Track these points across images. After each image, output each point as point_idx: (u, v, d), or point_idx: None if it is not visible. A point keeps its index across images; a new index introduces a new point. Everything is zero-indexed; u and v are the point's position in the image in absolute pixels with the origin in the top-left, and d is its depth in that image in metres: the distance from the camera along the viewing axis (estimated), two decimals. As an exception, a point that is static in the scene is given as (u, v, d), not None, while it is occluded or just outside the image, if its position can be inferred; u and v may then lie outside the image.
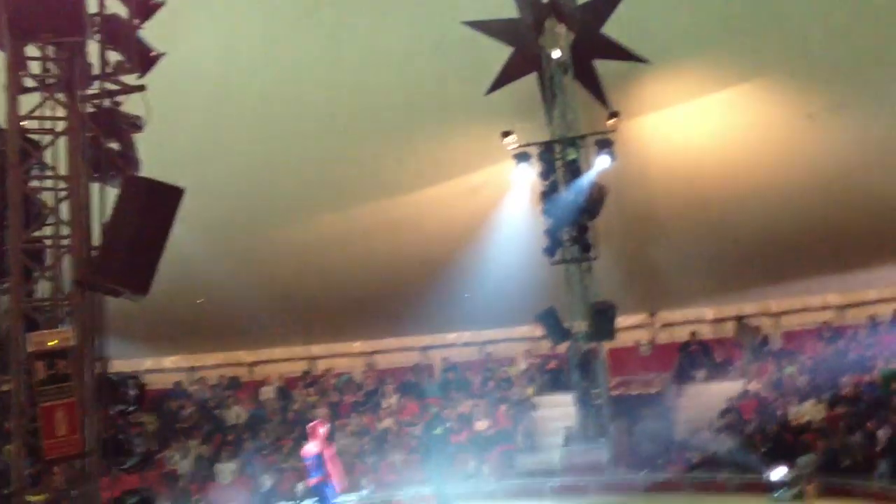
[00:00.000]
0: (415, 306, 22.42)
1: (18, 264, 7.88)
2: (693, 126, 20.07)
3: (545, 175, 19.12)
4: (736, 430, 18.32)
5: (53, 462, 7.51)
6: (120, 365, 8.68)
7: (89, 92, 8.34)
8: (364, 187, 20.59)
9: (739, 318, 22.36)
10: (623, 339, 21.65)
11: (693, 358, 22.04)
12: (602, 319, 18.56)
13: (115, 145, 8.57)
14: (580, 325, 19.19)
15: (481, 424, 21.25)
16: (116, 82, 8.54)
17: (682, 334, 23.35)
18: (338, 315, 23.36)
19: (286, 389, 23.76)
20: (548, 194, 19.08)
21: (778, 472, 15.77)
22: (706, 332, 23.31)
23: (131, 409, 8.45)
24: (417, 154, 20.16)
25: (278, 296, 21.69)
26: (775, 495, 15.58)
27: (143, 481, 15.78)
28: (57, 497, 7.71)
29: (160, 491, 17.66)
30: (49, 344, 7.41)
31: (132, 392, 8.25)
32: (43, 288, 8.25)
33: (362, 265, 21.81)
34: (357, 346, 25.78)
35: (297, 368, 25.04)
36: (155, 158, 9.03)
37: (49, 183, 8.32)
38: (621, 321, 20.16)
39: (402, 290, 22.02)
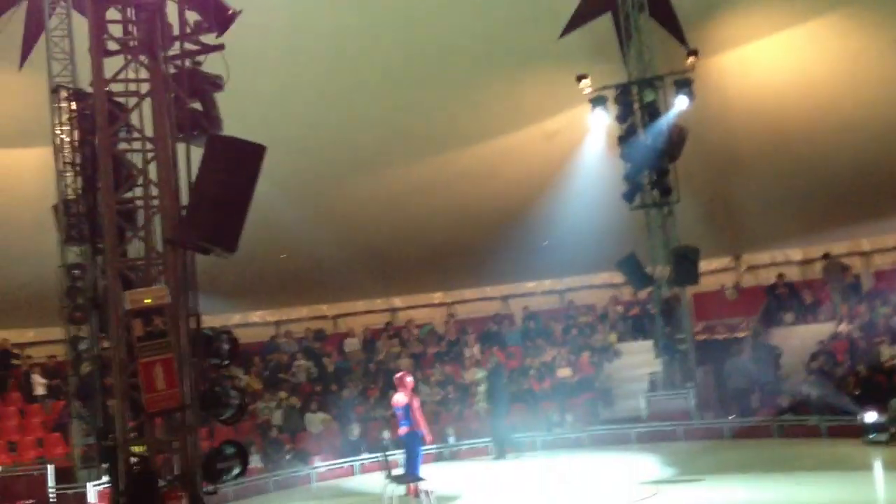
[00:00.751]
0: (494, 255, 22.45)
1: (112, 225, 8.09)
2: (775, 61, 19.42)
3: (622, 118, 18.75)
4: (827, 373, 17.93)
5: (154, 415, 7.76)
6: (210, 321, 8.87)
7: (170, 53, 8.44)
8: (440, 138, 20.55)
9: (828, 258, 21.73)
10: (707, 284, 21.32)
11: (780, 300, 21.59)
12: (685, 264, 18.25)
13: (197, 105, 8.67)
14: (662, 271, 18.92)
15: (564, 372, 21.27)
16: (196, 42, 8.63)
17: (768, 277, 22.87)
18: (418, 266, 23.54)
19: (370, 341, 24.12)
20: (625, 138, 18.72)
21: (870, 415, 15.43)
22: (794, 273, 22.76)
23: (225, 362, 8.67)
24: (492, 102, 19.99)
25: (359, 249, 21.95)
26: (868, 438, 15.26)
27: (237, 432, 16.41)
28: (158, 448, 7.98)
29: (254, 441, 18.23)
30: (145, 301, 7.62)
31: (225, 346, 8.44)
32: (136, 248, 8.48)
33: (441, 216, 21.87)
34: (438, 296, 25.95)
35: (380, 320, 25.36)
36: (234, 117, 9.13)
37: (136, 145, 8.49)
38: (705, 265, 19.83)
39: (481, 239, 22.04)
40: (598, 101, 18.98)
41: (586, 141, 20.47)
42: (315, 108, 18.94)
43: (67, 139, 15.72)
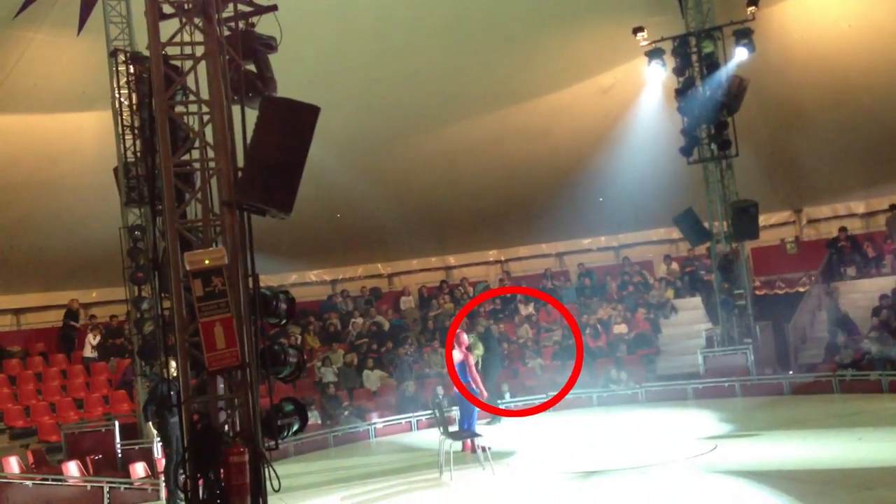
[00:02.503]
0: (549, 212, 22.37)
1: (170, 188, 8.20)
2: (837, 9, 18.88)
3: (680, 71, 18.37)
4: (889, 328, 17.59)
5: (215, 373, 7.90)
6: (267, 280, 9.00)
7: (224, 15, 8.46)
8: (492, 95, 20.42)
9: (894, 210, 21.17)
10: (766, 238, 20.99)
11: (842, 254, 21.16)
12: (744, 218, 17.96)
13: (251, 67, 8.70)
14: (720, 226, 18.65)
15: (619, 329, 21.19)
16: (249, 3, 8.63)
17: (829, 230, 22.44)
18: (472, 224, 23.56)
19: (425, 299, 24.27)
20: (683, 91, 18.35)
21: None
22: (856, 226, 22.28)
23: (283, 321, 8.78)
24: (545, 58, 19.76)
25: (413, 207, 22.03)
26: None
27: (296, 390, 16.70)
28: (220, 406, 8.14)
29: (313, 398, 18.57)
30: (204, 263, 7.73)
31: (283, 305, 8.54)
32: (194, 209, 8.58)
33: (495, 173, 21.81)
34: (492, 254, 25.99)
35: (434, 278, 25.49)
36: (288, 78, 9.15)
37: (193, 108, 8.56)
38: (764, 219, 19.54)
39: (535, 196, 21.96)
40: (654, 53, 18.62)
41: (642, 95, 20.15)
42: (368, 67, 18.92)
43: (126, 102, 15.95)
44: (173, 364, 12.94)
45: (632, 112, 20.47)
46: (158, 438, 13.67)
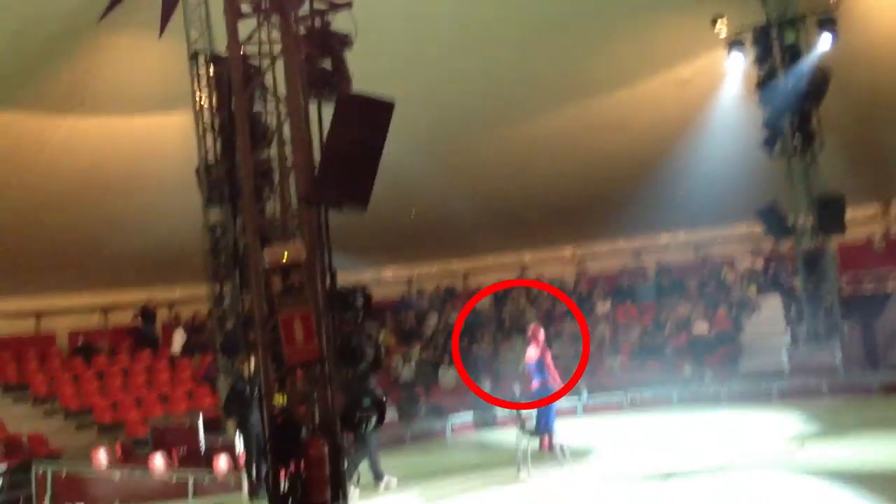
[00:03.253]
0: (625, 209, 22.04)
1: (250, 184, 8.35)
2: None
3: (761, 61, 17.95)
4: None
5: (294, 367, 8.01)
6: (343, 278, 9.03)
7: (300, 13, 8.56)
8: (567, 89, 20.21)
9: None
10: (854, 234, 20.25)
11: (934, 250, 20.39)
12: (829, 213, 17.46)
13: (327, 64, 8.79)
14: (805, 220, 18.11)
15: (700, 328, 20.75)
16: (325, 1, 8.72)
17: (920, 225, 21.65)
18: (547, 221, 23.38)
19: (500, 296, 24.19)
20: (765, 82, 17.92)
21: None
22: (950, 221, 21.44)
23: (360, 317, 8.85)
24: (621, 51, 19.47)
25: (488, 204, 21.96)
26: None
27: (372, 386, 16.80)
28: (300, 399, 8.24)
29: (389, 395, 18.67)
30: (283, 258, 7.83)
31: (360, 301, 8.62)
32: (273, 206, 8.71)
33: (569, 169, 21.59)
34: (567, 251, 25.76)
35: (509, 276, 25.38)
36: (362, 74, 9.20)
37: (271, 105, 8.68)
38: (851, 214, 18.84)
39: (611, 192, 21.67)
40: (734, 43, 18.24)
41: (722, 87, 19.71)
42: (443, 63, 18.88)
43: (206, 104, 16.25)
44: (251, 362, 13.25)
45: (711, 104, 20.04)
46: (239, 434, 13.91)
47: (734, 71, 19.18)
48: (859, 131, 20.26)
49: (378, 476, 12.38)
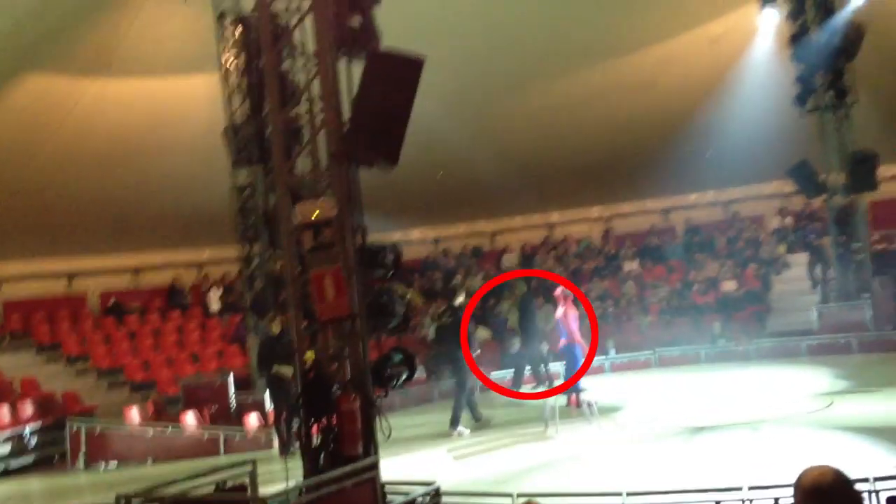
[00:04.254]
0: (654, 168, 21.87)
1: (280, 142, 8.36)
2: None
3: (794, 16, 17.63)
4: None
5: (325, 323, 8.06)
6: (371, 238, 9.04)
7: (329, -31, 8.50)
8: (597, 48, 19.98)
9: None
10: (886, 191, 19.97)
11: (968, 207, 20.08)
12: (862, 169, 17.25)
13: (356, 21, 8.73)
14: (837, 178, 17.91)
15: (728, 285, 20.68)
16: (353, -44, 8.65)
17: (954, 182, 21.25)
18: (574, 181, 23.25)
19: (528, 256, 24.18)
20: (798, 37, 17.63)
21: None
22: (984, 176, 21.04)
23: (390, 273, 8.88)
24: (651, 7, 19.19)
25: (516, 164, 21.85)
26: None
27: (400, 343, 16.93)
28: (331, 355, 8.31)
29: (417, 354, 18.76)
30: (314, 214, 7.86)
31: (390, 257, 8.64)
32: (303, 164, 8.72)
33: (597, 129, 21.42)
34: (595, 211, 25.66)
35: (537, 236, 25.36)
36: (391, 31, 9.14)
37: (300, 63, 8.67)
38: (884, 171, 18.62)
39: (639, 151, 21.49)
40: (766, -1, 17.90)
41: (754, 43, 19.40)
42: (471, 21, 18.73)
43: (233, 64, 16.25)
44: (277, 321, 13.46)
45: (743, 61, 19.76)
46: (270, 391, 14.11)
47: (766, 27, 18.87)
48: (893, 87, 19.90)
49: (477, 418, 13.58)
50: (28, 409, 16.63)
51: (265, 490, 7.93)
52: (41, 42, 16.59)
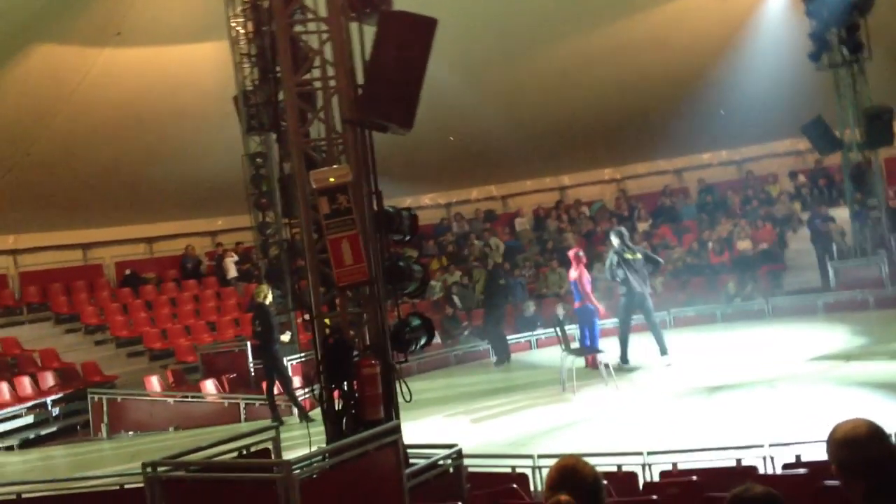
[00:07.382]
0: (666, 128, 21.72)
1: (293, 107, 8.28)
2: None
3: (807, -30, 17.35)
4: None
5: (344, 288, 8.06)
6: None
7: (339, -69, 8.38)
8: (605, 8, 19.72)
9: None
10: (902, 146, 19.85)
11: None
12: (877, 125, 17.07)
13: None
14: (852, 134, 17.75)
15: (743, 244, 20.60)
16: (363, -82, 8.53)
17: (971, 136, 21.01)
18: (586, 142, 23.12)
19: (540, 219, 24.14)
20: (812, -8, 17.34)
21: None
22: None
23: (407, 237, 8.87)
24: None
25: (526, 127, 21.73)
26: None
27: (416, 308, 16.98)
28: (350, 320, 8.31)
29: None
30: (329, 180, 7.82)
31: (406, 221, 8.61)
32: (316, 129, 8.66)
33: (609, 89, 21.23)
34: (607, 172, 25.55)
35: (549, 199, 25.27)
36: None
37: (311, 27, 8.58)
38: (899, 126, 18.41)
39: (651, 111, 21.32)
40: (779, -47, 17.61)
41: (766, -1, 19.17)
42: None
43: (243, 31, 16.15)
44: (266, 290, 13.65)
45: (755, 17, 19.50)
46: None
47: (779, -19, 18.62)
48: (909, 40, 19.63)
49: (663, 351, 13.90)
50: (49, 379, 16.80)
51: (288, 455, 8.00)
52: (49, 13, 16.49)
